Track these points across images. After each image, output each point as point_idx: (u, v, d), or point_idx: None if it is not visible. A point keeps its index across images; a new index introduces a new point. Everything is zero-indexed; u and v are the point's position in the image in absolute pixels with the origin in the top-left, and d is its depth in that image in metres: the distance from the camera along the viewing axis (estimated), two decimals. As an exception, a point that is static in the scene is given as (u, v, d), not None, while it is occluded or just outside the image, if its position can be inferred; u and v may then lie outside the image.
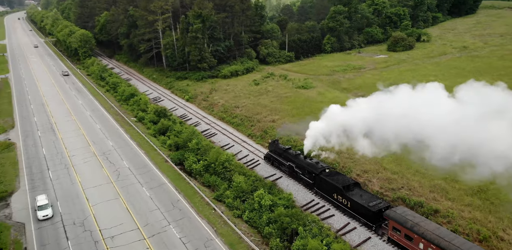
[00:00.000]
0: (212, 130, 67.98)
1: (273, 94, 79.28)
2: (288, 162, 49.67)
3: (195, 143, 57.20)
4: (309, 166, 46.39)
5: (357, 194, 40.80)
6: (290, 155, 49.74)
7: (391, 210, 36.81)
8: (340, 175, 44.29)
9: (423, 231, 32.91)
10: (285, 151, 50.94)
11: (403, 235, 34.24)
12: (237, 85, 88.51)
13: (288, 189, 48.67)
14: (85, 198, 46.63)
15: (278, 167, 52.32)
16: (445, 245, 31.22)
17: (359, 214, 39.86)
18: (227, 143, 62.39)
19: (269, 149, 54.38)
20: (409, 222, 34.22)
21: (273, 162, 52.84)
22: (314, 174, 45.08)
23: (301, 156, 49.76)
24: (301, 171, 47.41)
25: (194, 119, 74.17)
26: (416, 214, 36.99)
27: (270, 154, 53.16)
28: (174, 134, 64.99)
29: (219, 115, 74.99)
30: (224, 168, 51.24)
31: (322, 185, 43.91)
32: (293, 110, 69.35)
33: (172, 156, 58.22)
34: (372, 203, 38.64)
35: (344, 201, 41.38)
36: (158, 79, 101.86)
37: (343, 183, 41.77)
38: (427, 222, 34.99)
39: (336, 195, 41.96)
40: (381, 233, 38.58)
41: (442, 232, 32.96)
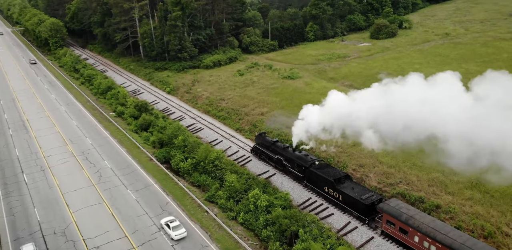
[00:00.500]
0: (198, 125, 64.71)
1: (259, 86, 76.32)
2: (276, 155, 48.04)
3: (181, 140, 53.97)
4: (298, 159, 44.80)
5: (349, 186, 39.69)
6: (278, 148, 48.19)
7: (384, 203, 35.77)
8: (330, 168, 43.03)
9: (418, 224, 32.04)
10: (273, 144, 49.27)
11: (398, 229, 33.39)
12: (221, 76, 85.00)
13: (283, 187, 46.41)
14: (65, 203, 43.01)
15: (267, 161, 50.51)
16: (441, 238, 30.57)
17: (351, 207, 38.69)
18: (215, 138, 59.38)
19: (256, 141, 52.61)
20: (403, 215, 33.27)
21: (260, 155, 51.24)
22: (304, 167, 43.65)
23: (290, 149, 48.14)
24: (290, 164, 45.83)
25: (177, 113, 70.57)
26: (410, 206, 35.98)
27: (257, 147, 51.41)
28: (157, 129, 61.43)
29: (204, 108, 71.61)
30: (215, 166, 48.41)
31: (313, 178, 42.56)
32: (281, 102, 66.73)
33: (157, 154, 54.89)
34: (364, 196, 37.61)
35: (335, 194, 40.12)
36: (136, 70, 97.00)
37: (334, 175, 40.53)
38: (422, 214, 34.07)
39: (327, 188, 40.71)
40: (375, 226, 37.57)
41: (437, 225, 32.16)
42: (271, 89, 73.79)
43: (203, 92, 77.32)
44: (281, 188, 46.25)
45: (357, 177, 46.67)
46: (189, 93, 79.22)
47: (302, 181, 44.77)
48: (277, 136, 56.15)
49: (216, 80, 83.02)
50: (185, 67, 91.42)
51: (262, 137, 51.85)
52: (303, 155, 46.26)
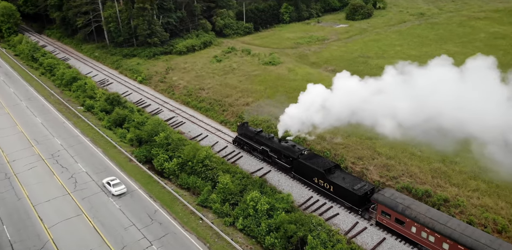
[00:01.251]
0: (178, 118, 59.71)
1: (240, 73, 71.62)
2: (261, 146, 45.42)
3: (163, 137, 49.08)
4: (285, 150, 42.69)
5: (339, 176, 38.23)
6: (263, 138, 45.69)
7: (379, 193, 34.49)
8: (319, 158, 41.32)
9: (416, 215, 31.26)
10: (257, 134, 46.63)
11: (394, 219, 32.55)
12: (197, 63, 79.40)
13: (280, 185, 43.07)
14: (38, 217, 37.72)
15: (251, 152, 47.99)
16: (440, 228, 30.01)
17: (343, 198, 37.43)
18: (199, 133, 54.83)
19: (238, 132, 49.56)
20: (399, 205, 32.39)
21: (243, 146, 48.48)
22: (292, 158, 41.66)
23: (275, 139, 45.46)
24: (277, 155, 43.61)
25: (153, 105, 65.05)
26: (404, 195, 34.77)
27: (240, 138, 48.60)
28: (133, 125, 55.99)
29: (182, 99, 66.39)
30: (204, 166, 44.18)
31: (301, 169, 40.81)
32: (266, 91, 62.64)
33: (137, 154, 49.85)
34: (356, 187, 36.26)
35: (326, 185, 38.57)
36: (102, 57, 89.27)
37: (323, 166, 38.90)
38: (417, 203, 33.19)
39: (317, 179, 39.08)
40: (368, 217, 36.34)
41: (435, 215, 31.46)
42: (253, 76, 69.36)
43: (180, 81, 71.81)
44: (279, 187, 42.91)
45: (357, 170, 44.00)
46: (164, 82, 73.43)
47: (290, 172, 42.87)
48: (267, 128, 52.35)
49: (192, 67, 77.45)
50: (156, 53, 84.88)
51: (245, 127, 48.87)
52: (290, 145, 43.79)
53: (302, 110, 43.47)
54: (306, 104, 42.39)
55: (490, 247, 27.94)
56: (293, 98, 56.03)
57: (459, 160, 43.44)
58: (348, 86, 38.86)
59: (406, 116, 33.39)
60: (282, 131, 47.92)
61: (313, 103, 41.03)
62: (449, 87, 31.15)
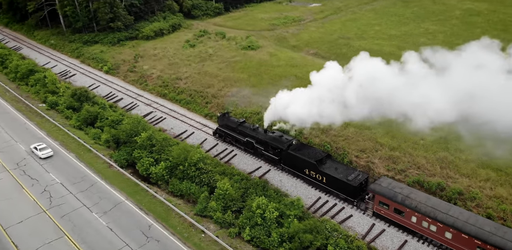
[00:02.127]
0: (157, 113, 54.10)
1: (218, 59, 66.17)
2: (245, 138, 42.68)
3: (146, 138, 43.80)
4: (273, 141, 40.28)
5: (331, 167, 36.58)
6: (247, 129, 43.05)
7: (376, 184, 33.35)
8: (308, 148, 39.38)
9: (416, 204, 30.46)
10: (240, 125, 43.84)
11: (392, 210, 31.62)
12: (168, 49, 72.85)
13: (283, 186, 39.53)
14: (11, 243, 32.13)
15: (233, 144, 45.18)
16: (442, 218, 29.31)
17: (337, 190, 35.95)
18: (184, 130, 49.80)
19: (219, 123, 46.08)
20: (398, 195, 31.47)
21: (225, 138, 45.61)
22: (280, 149, 39.48)
23: (261, 130, 42.49)
24: (264, 147, 41.17)
25: (126, 99, 58.78)
26: (401, 184, 33.82)
27: (221, 129, 45.53)
28: (107, 123, 49.99)
29: (158, 91, 60.44)
30: (198, 169, 39.68)
31: (291, 160, 38.77)
32: (251, 79, 57.97)
33: (116, 157, 44.39)
34: (351, 177, 34.79)
35: (318, 177, 36.83)
36: (59, 45, 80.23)
37: (315, 157, 37.07)
38: (416, 192, 32.37)
39: (309, 170, 37.29)
40: (365, 207, 35.09)
41: (436, 203, 30.72)
42: (233, 63, 64.24)
43: (152, 70, 65.46)
44: (282, 188, 39.38)
45: (362, 164, 41.13)
46: (134, 72, 66.77)
47: (278, 164, 40.66)
48: (258, 121, 48.16)
49: (164, 54, 70.95)
50: (121, 39, 77.17)
51: (226, 118, 45.43)
52: (277, 136, 40.91)
53: (303, 104, 39.25)
54: (310, 97, 38.04)
55: (495, 234, 27.49)
56: (281, 87, 52.02)
57: (463, 147, 41.64)
58: (374, 72, 33.63)
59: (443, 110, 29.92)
60: (268, 122, 44.13)
61: (323, 96, 36.41)
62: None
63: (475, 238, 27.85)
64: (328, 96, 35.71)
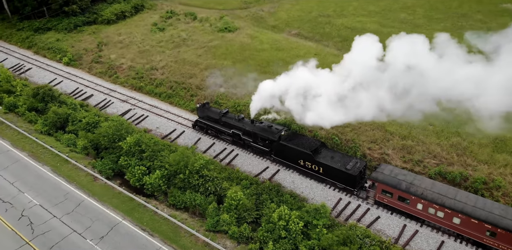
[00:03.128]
0: (137, 111, 47.99)
1: (195, 44, 59.94)
2: (231, 129, 39.63)
3: (134, 142, 38.22)
4: (262, 132, 37.52)
5: (327, 156, 34.59)
6: (232, 120, 39.92)
7: (377, 172, 31.95)
8: (301, 137, 36.92)
9: (422, 192, 29.56)
10: (224, 116, 40.50)
11: (396, 197, 30.66)
12: (134, 34, 65.32)
13: (297, 188, 35.94)
14: (-8, 290, 26.59)
15: (218, 137, 42.19)
16: (451, 204, 28.57)
17: (335, 180, 34.23)
18: (172, 129, 44.38)
19: (199, 115, 42.28)
20: (403, 183, 30.41)
21: (207, 130, 42.43)
22: (271, 140, 36.91)
23: (247, 120, 39.20)
24: (252, 139, 38.47)
25: (97, 96, 51.83)
26: (403, 170, 32.68)
27: (202, 121, 42.13)
28: (82, 127, 43.52)
29: (132, 84, 53.83)
30: (202, 177, 35.02)
31: (283, 152, 36.34)
32: (236, 67, 52.75)
33: (101, 167, 38.64)
34: (349, 166, 33.01)
35: (314, 167, 34.88)
36: (5, 35, 69.87)
37: (309, 147, 34.84)
38: (419, 178, 31.32)
39: (303, 161, 35.19)
40: (365, 196, 33.76)
41: (442, 189, 29.88)
42: (213, 48, 58.38)
43: (121, 60, 58.29)
44: (296, 190, 35.79)
45: (376, 157, 38.33)
46: (100, 62, 59.24)
47: (269, 155, 38.33)
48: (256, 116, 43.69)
49: (130, 40, 63.52)
50: (78, 24, 68.29)
51: (207, 109, 41.59)
52: (266, 126, 37.75)
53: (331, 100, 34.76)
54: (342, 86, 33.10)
55: (505, 218, 27.15)
56: (270, 74, 47.50)
57: (472, 130, 39.76)
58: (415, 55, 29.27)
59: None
60: (255, 111, 40.17)
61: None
62: None
63: (485, 223, 27.39)
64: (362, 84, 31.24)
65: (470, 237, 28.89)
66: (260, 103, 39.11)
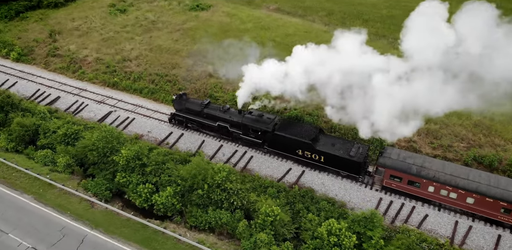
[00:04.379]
0: (120, 113, 41.04)
1: (168, 28, 52.49)
2: (216, 122, 35.76)
3: (132, 156, 32.14)
4: (254, 123, 34.10)
5: (327, 143, 32.07)
6: (217, 112, 35.90)
7: (384, 157, 30.07)
8: (296, 124, 33.94)
9: (434, 174, 28.51)
10: (206, 107, 36.41)
11: (406, 182, 29.54)
12: (91, 18, 56.28)
13: (330, 190, 32.16)
14: None
15: (204, 133, 38.10)
16: (465, 184, 27.82)
17: (338, 168, 32.05)
18: (168, 132, 38.34)
19: (176, 107, 37.67)
20: (413, 167, 29.15)
21: (187, 124, 38.17)
22: (264, 131, 33.70)
23: (233, 110, 35.83)
24: (242, 131, 35.02)
25: (66, 97, 43.87)
26: (411, 152, 31.11)
27: (180, 115, 37.66)
28: (58, 140, 36.33)
29: (103, 79, 46.19)
30: (225, 190, 30.11)
31: (279, 142, 33.32)
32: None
33: (96, 189, 32.44)
34: (352, 152, 30.86)
35: (314, 156, 32.33)
36: None
37: (308, 135, 32.18)
38: (428, 159, 29.93)
39: (302, 151, 32.53)
40: (371, 182, 32.15)
41: (454, 170, 28.86)
42: (190, 31, 51.42)
43: (84, 52, 49.86)
44: (329, 193, 32.06)
45: (404, 146, 35.58)
46: (58, 56, 50.43)
47: (262, 147, 35.35)
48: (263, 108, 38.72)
49: (89, 26, 54.63)
50: (19, 10, 58.02)
51: (185, 100, 37.17)
52: (257, 116, 34.42)
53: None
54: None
55: None
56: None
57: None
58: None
59: None
60: (243, 100, 35.30)
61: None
62: None
63: (500, 201, 27.11)
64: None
65: (483, 215, 28.39)
66: (249, 90, 33.95)
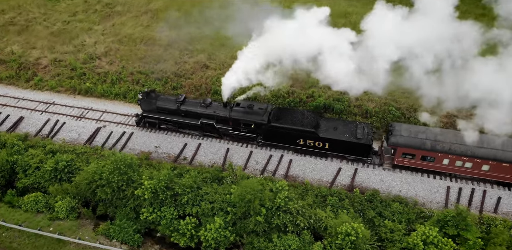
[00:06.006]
0: (112, 128, 33.18)
1: (131, 11, 43.40)
2: (199, 119, 30.83)
3: (161, 187, 25.77)
4: (245, 116, 30.00)
5: (329, 128, 29.47)
6: (198, 108, 30.81)
7: (395, 135, 28.12)
8: (290, 111, 30.64)
9: (449, 147, 27.37)
10: (183, 104, 31.05)
11: (419, 158, 28.37)
12: (27, 8, 45.16)
13: (392, 187, 28.88)
14: None
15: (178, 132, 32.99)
16: (481, 153, 26.93)
17: (345, 152, 29.78)
18: (182, 144, 31.75)
19: (144, 108, 31.83)
20: (427, 142, 27.75)
21: (160, 125, 32.64)
22: (259, 124, 29.85)
23: (217, 104, 30.98)
24: (232, 126, 30.71)
25: (31, 117, 34.60)
26: (419, 127, 29.37)
27: (151, 116, 31.96)
28: (46, 177, 28.55)
29: (71, 86, 37.24)
30: (288, 212, 25.23)
31: (277, 134, 30.02)
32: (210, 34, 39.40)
33: (123, 235, 26.11)
34: (359, 134, 28.60)
35: (318, 144, 29.61)
36: None
37: (309, 123, 29.36)
38: (440, 132, 28.37)
39: (303, 140, 29.70)
40: (380, 162, 30.10)
41: (467, 139, 27.28)
42: (159, 12, 42.90)
43: (33, 53, 39.81)
44: (392, 190, 28.64)
45: (445, 122, 32.35)
46: (0, 62, 39.95)
47: (254, 141, 31.57)
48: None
49: (26, 18, 43.86)
50: None
51: (155, 99, 31.43)
52: (246, 107, 30.22)
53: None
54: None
55: None
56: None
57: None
58: None
59: None
60: (229, 91, 30.12)
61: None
62: None
63: None
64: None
65: (497, 180, 28.06)
66: (237, 78, 28.85)
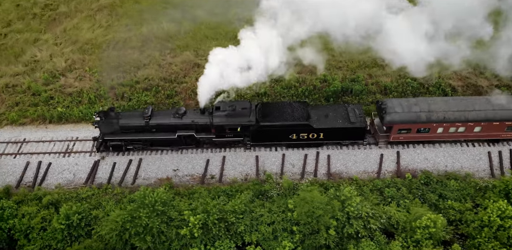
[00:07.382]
0: (113, 159, 27.95)
1: (80, 10, 36.46)
2: (175, 133, 27.88)
3: (213, 220, 21.92)
4: (230, 120, 27.72)
5: (320, 116, 28.38)
6: (171, 120, 27.70)
7: (389, 113, 27.48)
8: (275, 105, 29.29)
9: (443, 115, 27.30)
10: (152, 118, 27.56)
11: (415, 131, 28.28)
12: None
13: (438, 164, 28.32)
14: None
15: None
16: (473, 116, 27.13)
17: (340, 139, 29.22)
18: (203, 161, 27.64)
19: (104, 130, 27.89)
20: (421, 115, 27.40)
21: (127, 146, 28.78)
22: (247, 126, 27.94)
23: (192, 112, 28.20)
24: (216, 133, 28.36)
25: (5, 164, 27.77)
26: (409, 99, 29.18)
27: (115, 139, 28.12)
28: (58, 237, 23.28)
29: (36, 115, 30.56)
30: (359, 218, 23.04)
31: (267, 133, 28.54)
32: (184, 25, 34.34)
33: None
34: (352, 118, 27.97)
35: (312, 136, 28.66)
36: None
37: (300, 115, 28.06)
38: (431, 101, 28.21)
39: (296, 135, 28.61)
40: (376, 142, 29.70)
41: (459, 104, 27.73)
42: (117, 8, 36.63)
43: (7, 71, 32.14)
44: (439, 166, 28.47)
45: (460, 85, 31.81)
46: None
47: (242, 144, 29.67)
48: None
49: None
50: None
51: (115, 117, 27.40)
52: (228, 110, 27.76)
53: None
54: None
55: None
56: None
57: None
58: None
59: None
60: (207, 95, 27.43)
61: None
62: None
63: (506, 121, 27.15)
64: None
65: (487, 138, 28.61)
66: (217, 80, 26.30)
